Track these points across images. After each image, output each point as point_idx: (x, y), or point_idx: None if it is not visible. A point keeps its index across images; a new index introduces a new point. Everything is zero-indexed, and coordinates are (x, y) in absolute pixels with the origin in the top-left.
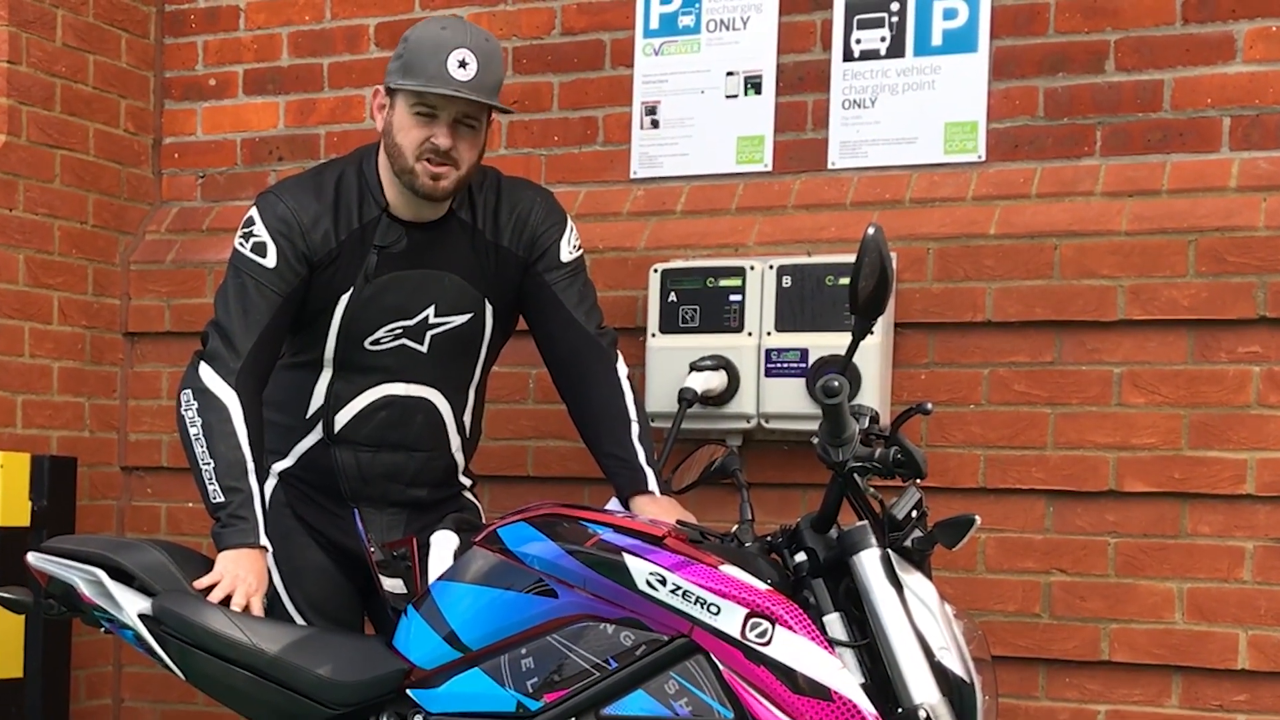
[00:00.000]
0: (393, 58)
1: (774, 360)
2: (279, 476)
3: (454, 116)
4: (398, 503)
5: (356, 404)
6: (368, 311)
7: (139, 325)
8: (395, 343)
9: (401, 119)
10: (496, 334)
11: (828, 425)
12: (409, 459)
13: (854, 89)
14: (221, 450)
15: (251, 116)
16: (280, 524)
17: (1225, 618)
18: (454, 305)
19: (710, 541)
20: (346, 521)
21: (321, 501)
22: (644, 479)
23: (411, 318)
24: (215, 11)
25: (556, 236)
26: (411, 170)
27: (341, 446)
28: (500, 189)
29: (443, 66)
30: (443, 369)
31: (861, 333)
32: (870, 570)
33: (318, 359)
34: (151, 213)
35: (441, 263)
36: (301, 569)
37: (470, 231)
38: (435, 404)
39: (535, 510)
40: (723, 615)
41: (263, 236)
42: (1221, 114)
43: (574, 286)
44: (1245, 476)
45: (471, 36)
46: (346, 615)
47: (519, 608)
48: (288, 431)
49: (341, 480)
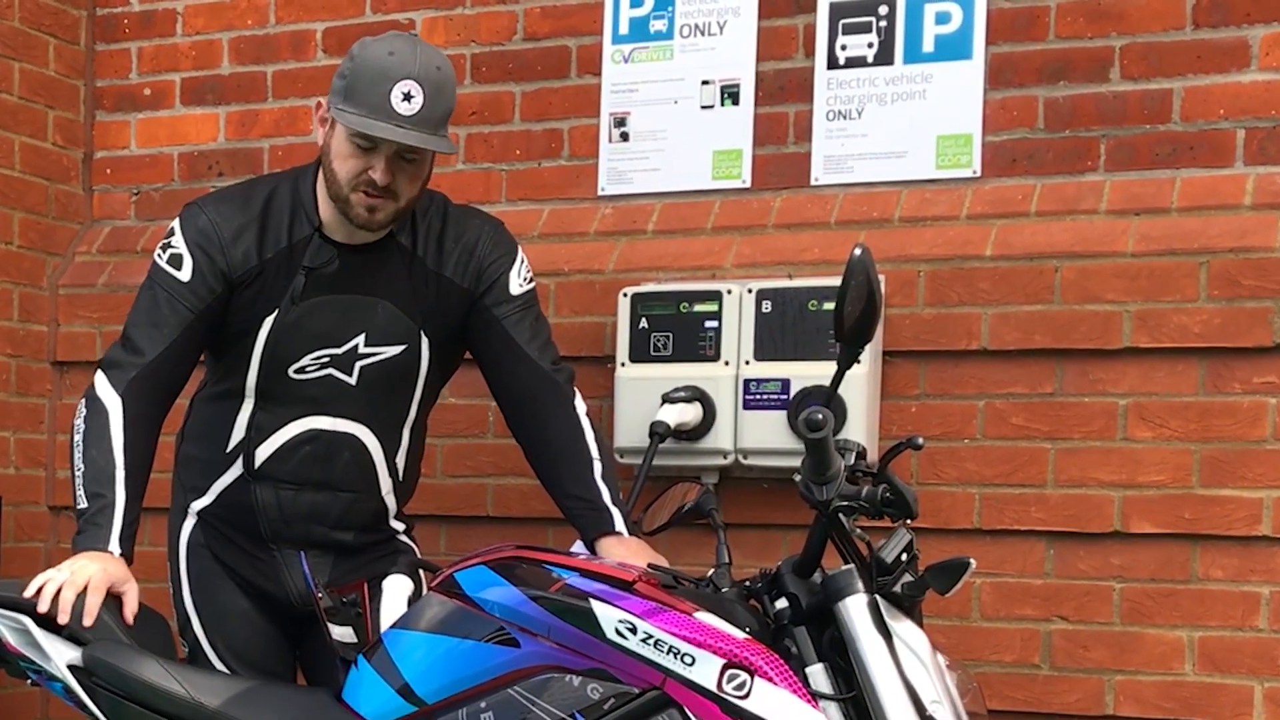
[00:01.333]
0: (338, 74)
1: (753, 392)
2: (198, 515)
3: (394, 149)
4: (321, 545)
5: (279, 437)
6: (293, 337)
7: (68, 354)
8: (321, 372)
9: (339, 145)
10: (434, 370)
11: (811, 461)
12: (334, 499)
13: (839, 99)
14: (93, 455)
15: (189, 129)
16: (200, 567)
17: (1239, 669)
18: (386, 335)
19: (684, 587)
20: (267, 564)
21: (241, 543)
22: (610, 520)
23: (339, 346)
24: (150, 16)
25: (506, 268)
26: (346, 200)
27: (262, 483)
28: (446, 216)
29: (385, 99)
30: (373, 404)
31: (847, 362)
32: (857, 617)
33: (239, 387)
34: (82, 232)
35: (375, 289)
36: (223, 615)
37: (409, 258)
38: (364, 442)
39: (495, 553)
40: (698, 666)
41: (180, 249)
42: (1235, 126)
43: (525, 321)
44: (1261, 517)
45: (421, 65)
46: (275, 665)
47: (478, 658)
48: (208, 467)
49: (261, 520)
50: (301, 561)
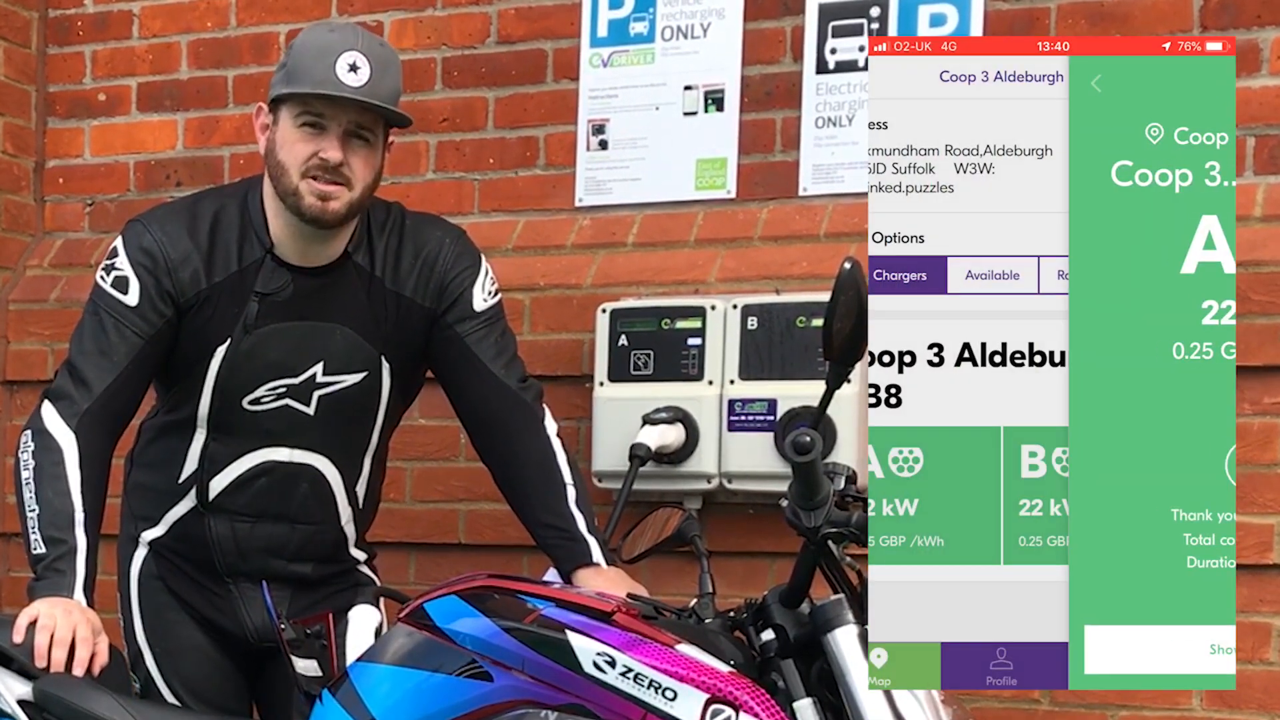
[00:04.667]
0: (276, 69)
1: (738, 412)
2: (149, 546)
3: (345, 127)
4: (279, 578)
5: (233, 470)
6: (246, 367)
7: (18, 372)
8: (278, 403)
9: (286, 133)
10: (396, 396)
11: (798, 486)
12: (291, 531)
13: (829, 105)
14: (48, 496)
15: (146, 136)
16: (153, 599)
17: (1249, 704)
18: (345, 363)
19: (665, 618)
20: (223, 599)
21: (195, 576)
22: (587, 550)
23: (296, 376)
24: (105, 17)
25: (469, 282)
26: (296, 191)
27: (216, 516)
28: (404, 229)
29: (330, 70)
30: (333, 435)
31: (837, 381)
32: (847, 650)
33: (191, 418)
34: (33, 245)
35: (332, 314)
36: (177, 650)
37: (368, 279)
38: (323, 473)
39: (467, 582)
40: (680, 701)
41: (125, 270)
42: (1245, 133)
43: (490, 338)
44: (1272, 544)
45: (364, 41)
46: (231, 701)
47: (449, 692)
48: (160, 497)
49: (216, 553)
50: (264, 592)
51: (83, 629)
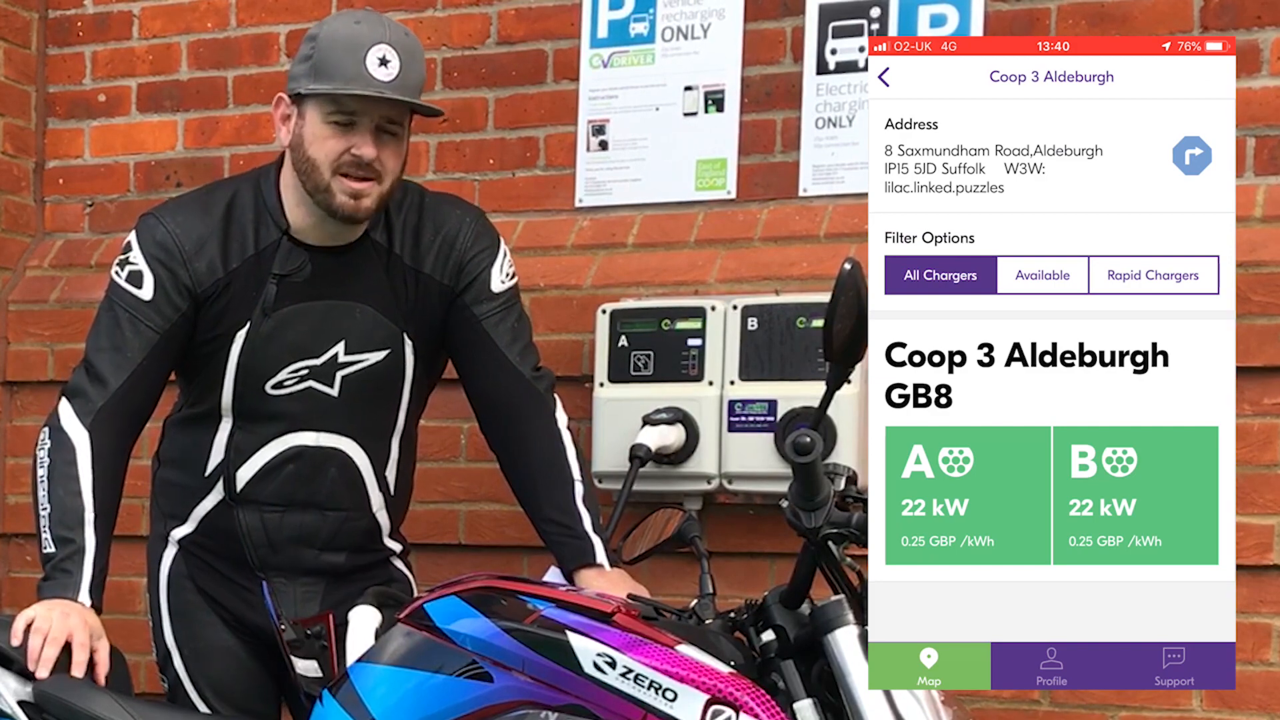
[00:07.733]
0: (297, 60)
1: (738, 413)
2: (179, 544)
3: (376, 122)
4: (312, 571)
5: (260, 457)
6: (267, 350)
7: (19, 373)
8: (300, 385)
9: (314, 129)
10: (420, 374)
11: (799, 486)
12: (322, 519)
13: (829, 105)
14: (59, 495)
15: (146, 137)
16: (182, 599)
17: (1250, 705)
18: (367, 341)
19: (666, 618)
20: (255, 595)
21: (226, 572)
22: (590, 550)
23: (318, 356)
24: (105, 18)
25: (487, 263)
26: (328, 188)
27: (245, 507)
28: (423, 207)
29: (361, 66)
30: (358, 415)
31: (837, 382)
32: (847, 651)
33: (214, 408)
34: (33, 246)
35: (351, 292)
36: (206, 651)
37: (386, 256)
38: (351, 456)
39: (467, 583)
40: (680, 702)
41: (139, 265)
42: (1245, 134)
43: (506, 322)
44: (1271, 545)
45: (390, 31)
46: (259, 704)
47: (449, 693)
48: (187, 493)
49: (247, 546)
50: (264, 592)
51: (80, 633)
